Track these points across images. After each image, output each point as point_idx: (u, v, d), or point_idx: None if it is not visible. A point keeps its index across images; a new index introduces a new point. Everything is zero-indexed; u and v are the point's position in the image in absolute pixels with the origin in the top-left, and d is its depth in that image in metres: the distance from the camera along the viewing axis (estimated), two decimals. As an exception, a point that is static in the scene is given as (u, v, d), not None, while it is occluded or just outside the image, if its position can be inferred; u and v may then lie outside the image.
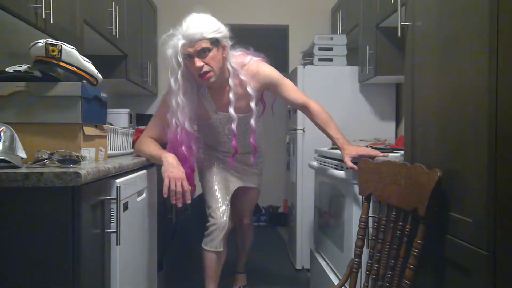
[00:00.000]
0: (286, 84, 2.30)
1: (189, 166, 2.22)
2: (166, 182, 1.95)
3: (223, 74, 2.15)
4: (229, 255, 2.58)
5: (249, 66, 2.23)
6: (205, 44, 2.00)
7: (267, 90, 2.34)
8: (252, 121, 2.24)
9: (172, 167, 1.98)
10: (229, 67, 2.17)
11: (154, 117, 2.26)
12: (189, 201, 1.96)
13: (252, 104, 2.21)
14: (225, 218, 2.35)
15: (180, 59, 2.02)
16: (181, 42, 2.00)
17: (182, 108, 2.09)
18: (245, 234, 2.84)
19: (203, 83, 2.15)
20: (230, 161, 2.35)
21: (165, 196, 1.92)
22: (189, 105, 2.12)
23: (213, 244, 2.34)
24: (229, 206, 2.40)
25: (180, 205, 1.95)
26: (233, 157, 2.35)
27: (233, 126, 2.20)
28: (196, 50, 2.00)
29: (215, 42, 2.04)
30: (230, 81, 2.17)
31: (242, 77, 2.18)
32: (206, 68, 2.03)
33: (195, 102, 2.19)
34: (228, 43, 2.12)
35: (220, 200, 2.37)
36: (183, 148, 2.13)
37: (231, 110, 2.17)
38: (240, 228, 2.81)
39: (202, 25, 2.01)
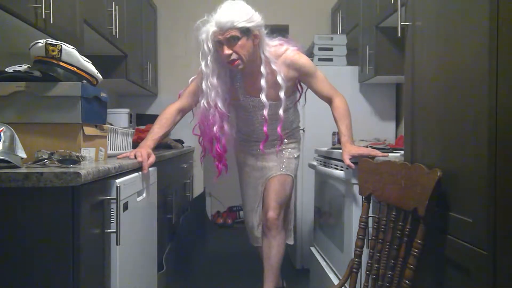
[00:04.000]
0: (318, 76, 2.33)
1: (221, 146, 2.30)
2: (130, 153, 1.96)
3: (255, 62, 2.19)
4: (232, 257, 2.58)
5: (285, 55, 2.27)
6: (235, 33, 2.06)
7: (299, 80, 2.37)
8: (280, 111, 2.25)
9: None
10: (262, 55, 2.21)
11: (185, 90, 2.32)
12: (146, 168, 1.90)
13: (281, 94, 2.22)
14: (256, 219, 2.46)
15: (210, 45, 2.10)
16: (212, 28, 2.07)
17: (214, 89, 2.17)
18: (271, 237, 2.36)
19: (232, 69, 2.22)
20: (261, 148, 2.35)
21: (118, 158, 1.88)
22: (222, 86, 2.20)
23: (255, 242, 2.52)
24: (261, 204, 2.45)
25: (145, 168, 1.90)
26: (264, 145, 2.38)
27: (265, 112, 2.22)
28: (226, 38, 2.06)
29: (245, 31, 2.08)
30: (262, 69, 2.20)
31: (274, 67, 2.21)
32: (234, 56, 2.10)
33: (228, 84, 2.26)
34: (262, 31, 2.17)
35: (251, 203, 2.49)
36: (215, 128, 2.22)
37: (263, 96, 2.20)
38: (266, 226, 2.38)
39: (234, 14, 2.06)
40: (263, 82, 2.19)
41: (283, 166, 2.43)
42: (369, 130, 3.27)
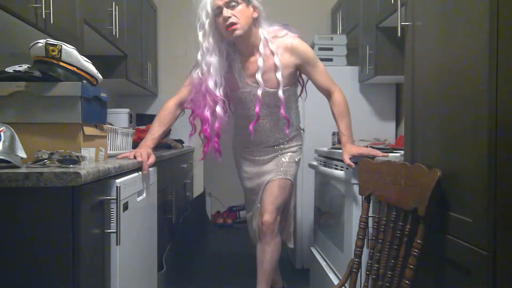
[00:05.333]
0: (319, 66, 2.28)
1: (210, 129, 2.21)
2: (130, 153, 1.95)
3: (255, 39, 2.18)
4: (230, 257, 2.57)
5: (284, 39, 2.23)
6: None
7: (298, 69, 2.30)
8: (280, 93, 2.18)
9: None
10: (261, 35, 2.19)
11: (185, 80, 2.28)
12: (146, 168, 1.90)
13: (278, 76, 2.18)
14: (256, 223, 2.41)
15: (209, 10, 2.07)
16: None
17: (208, 64, 2.11)
18: (265, 242, 2.27)
19: (229, 36, 2.12)
20: (251, 128, 2.23)
21: (117, 158, 1.88)
22: (215, 66, 2.13)
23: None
24: (259, 208, 2.36)
25: (145, 169, 1.90)
26: (258, 146, 2.36)
27: (259, 91, 2.17)
28: (225, 1, 2.06)
29: None
30: (261, 48, 2.18)
31: (271, 47, 2.18)
32: (233, 19, 2.06)
33: (224, 67, 2.19)
34: (260, 8, 2.17)
35: (254, 209, 2.45)
36: (206, 110, 2.14)
37: (258, 76, 2.16)
38: (261, 230, 2.28)
39: None
40: (260, 61, 2.16)
41: (283, 170, 2.34)
42: (369, 130, 3.27)
